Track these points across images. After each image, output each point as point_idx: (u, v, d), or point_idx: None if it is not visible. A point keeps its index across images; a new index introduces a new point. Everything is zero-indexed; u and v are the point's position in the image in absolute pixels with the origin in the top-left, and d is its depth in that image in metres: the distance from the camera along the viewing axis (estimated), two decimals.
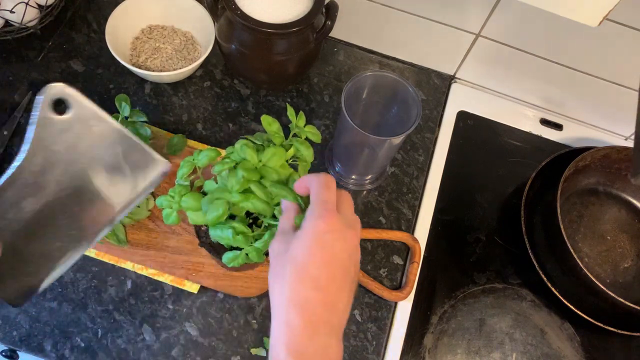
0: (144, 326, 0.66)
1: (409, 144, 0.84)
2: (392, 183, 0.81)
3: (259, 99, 0.84)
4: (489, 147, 0.88)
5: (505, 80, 0.90)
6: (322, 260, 0.42)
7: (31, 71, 0.81)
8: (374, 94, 0.71)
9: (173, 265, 0.68)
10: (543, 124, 0.91)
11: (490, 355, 0.72)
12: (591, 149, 0.77)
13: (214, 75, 0.85)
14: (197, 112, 0.81)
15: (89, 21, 0.87)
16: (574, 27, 0.71)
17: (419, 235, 0.77)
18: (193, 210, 0.58)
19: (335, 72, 0.88)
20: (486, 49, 0.84)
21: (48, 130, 0.42)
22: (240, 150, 0.58)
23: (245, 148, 0.58)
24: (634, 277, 0.79)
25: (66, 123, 0.42)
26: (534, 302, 0.76)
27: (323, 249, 0.42)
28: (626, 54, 0.77)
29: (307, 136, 0.61)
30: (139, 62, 0.81)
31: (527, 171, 0.80)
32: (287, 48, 0.74)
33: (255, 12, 0.71)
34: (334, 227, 0.43)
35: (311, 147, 0.59)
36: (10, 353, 0.74)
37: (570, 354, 0.74)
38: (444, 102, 0.90)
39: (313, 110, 0.84)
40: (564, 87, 0.87)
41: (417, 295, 0.74)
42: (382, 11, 0.83)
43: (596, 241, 0.81)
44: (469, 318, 0.74)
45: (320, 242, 0.42)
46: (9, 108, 0.77)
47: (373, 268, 0.74)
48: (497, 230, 0.81)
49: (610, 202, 0.84)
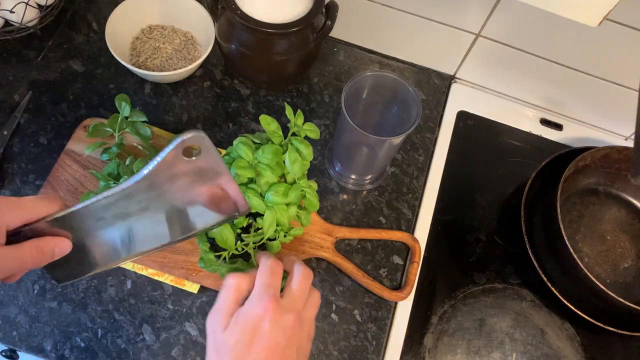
0: (143, 326, 0.66)
1: (409, 144, 0.84)
2: (392, 183, 0.81)
3: (259, 99, 0.84)
4: (489, 147, 0.88)
5: (505, 80, 0.90)
6: (260, 347, 0.44)
7: (31, 71, 0.81)
8: (374, 94, 0.71)
9: (173, 265, 0.68)
10: (543, 124, 0.91)
11: (490, 355, 0.72)
12: (591, 149, 0.77)
13: (214, 75, 0.85)
14: (197, 112, 0.81)
15: (89, 21, 0.87)
16: (574, 27, 0.71)
17: (419, 235, 0.77)
18: None
19: (335, 72, 0.88)
20: (486, 49, 0.84)
21: (169, 165, 0.44)
22: (237, 147, 0.58)
23: (241, 145, 0.58)
24: (634, 277, 0.79)
25: (189, 164, 0.45)
26: (534, 302, 0.76)
27: (260, 337, 0.44)
28: (626, 54, 0.77)
29: (306, 134, 0.61)
30: (139, 62, 0.81)
31: (527, 171, 0.80)
32: (287, 48, 0.74)
33: (255, 12, 0.71)
34: (271, 315, 0.45)
35: (310, 145, 0.59)
36: (10, 353, 0.74)
37: (570, 354, 0.74)
38: (444, 102, 0.90)
39: (313, 110, 0.84)
40: (564, 87, 0.87)
41: (417, 295, 0.74)
42: (382, 11, 0.83)
43: (596, 241, 0.81)
44: (469, 318, 0.74)
45: (256, 329, 0.44)
46: (9, 108, 0.77)
47: (373, 268, 0.74)
48: (497, 230, 0.81)
49: (610, 202, 0.84)
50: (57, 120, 0.77)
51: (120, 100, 0.73)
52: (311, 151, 0.59)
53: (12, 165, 0.73)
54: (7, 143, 0.74)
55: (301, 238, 0.72)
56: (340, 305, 0.71)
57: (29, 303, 0.66)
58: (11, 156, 0.74)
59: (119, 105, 0.73)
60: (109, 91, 0.81)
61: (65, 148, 0.74)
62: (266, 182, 0.57)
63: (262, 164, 0.57)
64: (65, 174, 0.72)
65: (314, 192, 0.61)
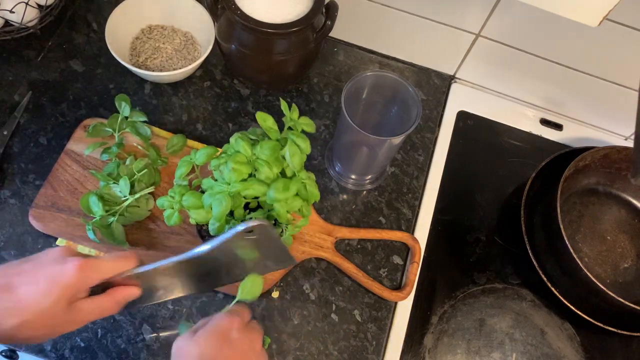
0: (144, 326, 0.66)
1: (409, 144, 0.84)
2: (392, 183, 0.81)
3: (259, 99, 0.84)
4: (489, 147, 0.88)
5: (505, 80, 0.90)
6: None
7: (31, 71, 0.81)
8: (374, 94, 0.71)
9: None
10: (543, 124, 0.91)
11: (490, 355, 0.72)
12: (591, 149, 0.77)
13: (214, 75, 0.85)
14: (197, 112, 0.81)
15: (89, 21, 0.87)
16: (574, 27, 0.71)
17: (419, 235, 0.77)
18: (194, 209, 0.58)
19: (335, 72, 0.88)
20: (486, 49, 0.84)
21: (231, 240, 0.53)
22: (235, 143, 0.58)
23: (239, 141, 0.58)
24: (634, 277, 0.79)
25: (249, 240, 0.53)
26: (534, 302, 0.76)
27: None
28: (626, 54, 0.77)
29: (302, 128, 0.61)
30: (139, 62, 0.81)
31: (527, 171, 0.80)
32: (287, 48, 0.74)
33: (255, 12, 0.71)
34: (228, 343, 0.50)
35: (307, 139, 0.60)
36: (10, 353, 0.74)
37: (570, 354, 0.74)
38: (444, 102, 0.90)
39: (313, 110, 0.84)
40: (564, 87, 0.87)
41: (417, 295, 0.74)
42: (382, 11, 0.83)
43: (596, 241, 0.81)
44: (469, 318, 0.74)
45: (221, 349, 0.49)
46: (9, 108, 0.77)
47: (373, 268, 0.74)
48: (497, 230, 0.81)
49: (610, 202, 0.84)
50: (57, 120, 0.77)
51: (120, 100, 0.73)
52: (309, 144, 0.59)
53: (12, 165, 0.73)
54: (7, 143, 0.74)
55: (301, 238, 0.72)
56: (340, 305, 0.71)
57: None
58: (11, 156, 0.74)
59: (118, 105, 0.73)
60: (109, 91, 0.81)
61: (65, 148, 0.74)
62: (266, 177, 0.58)
63: (260, 160, 0.57)
64: (65, 174, 0.72)
65: (313, 183, 0.61)
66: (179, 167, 0.61)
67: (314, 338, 0.69)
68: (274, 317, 0.69)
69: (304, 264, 0.73)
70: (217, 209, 0.56)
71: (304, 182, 0.60)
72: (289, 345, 0.68)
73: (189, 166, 0.61)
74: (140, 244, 0.69)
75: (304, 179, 0.60)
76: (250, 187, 0.57)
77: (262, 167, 0.57)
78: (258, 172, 0.58)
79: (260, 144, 0.58)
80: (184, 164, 0.60)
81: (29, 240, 0.69)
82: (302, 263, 0.72)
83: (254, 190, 0.57)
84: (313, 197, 0.62)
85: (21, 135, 0.76)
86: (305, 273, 0.72)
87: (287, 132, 0.60)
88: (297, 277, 0.72)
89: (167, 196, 0.60)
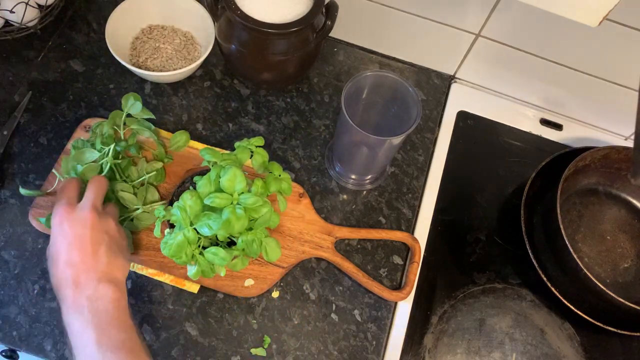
0: (144, 326, 0.66)
1: (409, 144, 0.84)
2: (392, 183, 0.81)
3: (259, 99, 0.84)
4: (489, 147, 0.88)
5: (505, 80, 0.90)
6: (67, 242, 0.56)
7: (31, 71, 0.81)
8: (374, 94, 0.71)
9: (173, 265, 0.68)
10: (543, 124, 0.91)
11: (490, 355, 0.72)
12: (591, 149, 0.77)
13: (214, 75, 0.85)
14: (197, 112, 0.81)
15: (89, 21, 0.87)
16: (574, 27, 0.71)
17: (419, 235, 0.77)
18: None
19: (335, 72, 0.88)
20: (486, 49, 0.84)
21: None
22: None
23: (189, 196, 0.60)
24: (634, 277, 0.79)
25: None
26: (534, 302, 0.76)
27: (64, 236, 0.56)
28: (626, 54, 0.77)
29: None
30: (139, 62, 0.81)
31: (527, 171, 0.80)
32: (287, 48, 0.74)
33: (255, 12, 0.71)
34: (67, 216, 0.57)
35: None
36: (10, 353, 0.74)
37: (570, 354, 0.74)
38: (444, 102, 0.90)
39: (313, 110, 0.84)
40: (564, 87, 0.87)
41: (417, 295, 0.74)
42: (382, 11, 0.83)
43: (596, 241, 0.81)
44: (469, 318, 0.74)
45: (60, 233, 0.57)
46: (9, 108, 0.77)
47: (373, 268, 0.74)
48: (497, 230, 0.81)
49: (610, 202, 0.84)
50: (57, 120, 0.77)
51: (130, 97, 0.71)
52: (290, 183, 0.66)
53: (12, 165, 0.73)
54: (7, 143, 0.74)
55: (301, 238, 0.72)
56: (340, 305, 0.71)
57: (29, 303, 0.66)
58: (11, 156, 0.74)
59: (125, 102, 0.70)
60: (109, 91, 0.81)
61: (65, 148, 0.74)
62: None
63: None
64: None
65: (288, 181, 0.66)
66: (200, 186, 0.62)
67: (314, 338, 0.69)
68: (274, 317, 0.69)
69: (304, 264, 0.73)
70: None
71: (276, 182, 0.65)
72: (289, 345, 0.68)
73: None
74: (140, 244, 0.69)
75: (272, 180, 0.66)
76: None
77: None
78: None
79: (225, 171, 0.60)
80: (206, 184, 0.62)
81: (29, 240, 0.69)
82: (302, 263, 0.72)
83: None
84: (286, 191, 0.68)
85: (21, 135, 0.76)
86: (305, 273, 0.72)
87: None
88: (297, 277, 0.72)
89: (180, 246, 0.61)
